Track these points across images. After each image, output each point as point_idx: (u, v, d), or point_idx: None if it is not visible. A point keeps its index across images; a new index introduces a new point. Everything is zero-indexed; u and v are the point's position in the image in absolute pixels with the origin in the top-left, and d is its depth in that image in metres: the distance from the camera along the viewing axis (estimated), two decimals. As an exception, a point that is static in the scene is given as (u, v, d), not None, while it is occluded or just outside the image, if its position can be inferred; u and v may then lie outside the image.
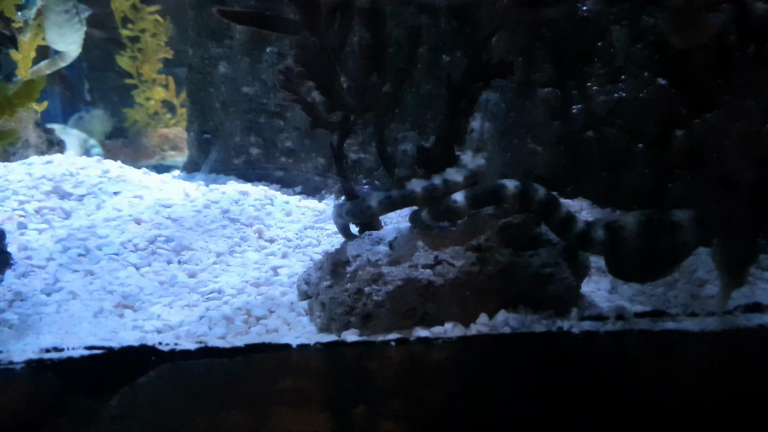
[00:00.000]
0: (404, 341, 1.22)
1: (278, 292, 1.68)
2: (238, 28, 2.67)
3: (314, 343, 1.20)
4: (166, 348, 1.17)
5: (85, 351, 1.15)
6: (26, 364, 1.13)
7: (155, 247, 1.94)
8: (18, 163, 2.40)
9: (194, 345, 1.19)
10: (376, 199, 1.39)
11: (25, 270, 1.79)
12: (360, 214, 1.44)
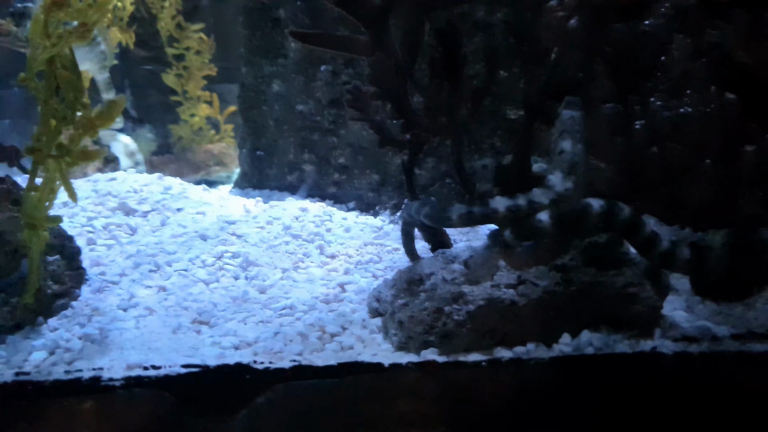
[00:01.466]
0: (497, 361, 1.22)
1: (348, 308, 1.69)
2: (292, 47, 2.72)
3: (407, 363, 1.20)
4: (261, 366, 1.19)
5: (182, 369, 1.17)
6: (125, 381, 1.16)
7: (222, 263, 1.97)
8: (83, 180, 2.47)
9: (288, 363, 1.21)
10: (457, 213, 1.39)
11: (99, 285, 1.83)
12: (437, 221, 1.44)
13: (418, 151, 1.62)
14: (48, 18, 1.51)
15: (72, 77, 1.43)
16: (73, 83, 1.43)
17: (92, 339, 1.58)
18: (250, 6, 2.82)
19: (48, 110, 1.50)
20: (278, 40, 2.75)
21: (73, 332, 1.63)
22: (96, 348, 1.54)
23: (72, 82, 1.43)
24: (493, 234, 1.43)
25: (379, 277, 1.94)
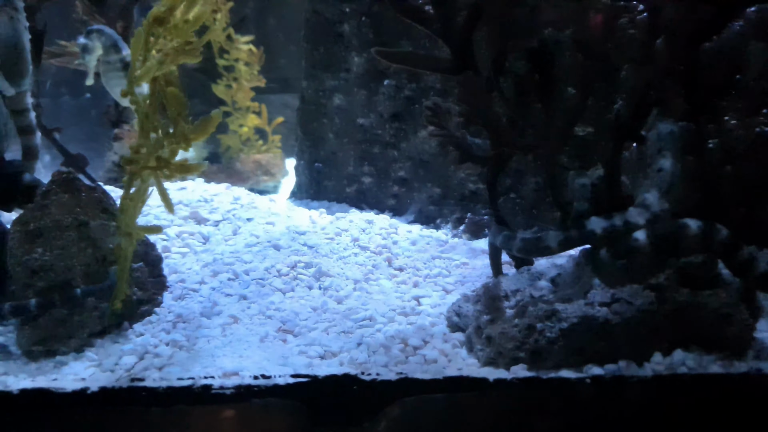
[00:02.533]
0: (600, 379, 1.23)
1: (427, 321, 1.71)
2: (355, 61, 2.77)
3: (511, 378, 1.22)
4: (368, 378, 1.22)
5: (291, 379, 1.20)
6: (236, 390, 1.19)
7: (296, 272, 2.01)
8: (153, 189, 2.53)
9: (394, 376, 1.23)
10: (555, 240, 1.40)
11: (181, 293, 1.88)
12: (535, 253, 1.45)
13: (501, 168, 1.64)
14: (148, 35, 1.58)
15: (179, 94, 1.48)
16: (179, 99, 1.48)
17: (180, 345, 1.63)
18: (312, 21, 2.88)
19: (149, 124, 1.56)
20: (341, 54, 2.81)
21: (159, 338, 1.68)
22: (186, 355, 1.58)
23: (178, 98, 1.48)
24: (586, 252, 1.44)
25: (449, 291, 1.96)
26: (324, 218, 2.48)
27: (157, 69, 1.51)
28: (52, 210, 1.69)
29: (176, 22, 1.58)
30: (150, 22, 1.56)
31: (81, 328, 1.67)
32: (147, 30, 1.56)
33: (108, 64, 2.91)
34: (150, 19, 1.56)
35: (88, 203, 1.76)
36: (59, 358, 1.64)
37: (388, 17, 2.65)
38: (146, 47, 1.58)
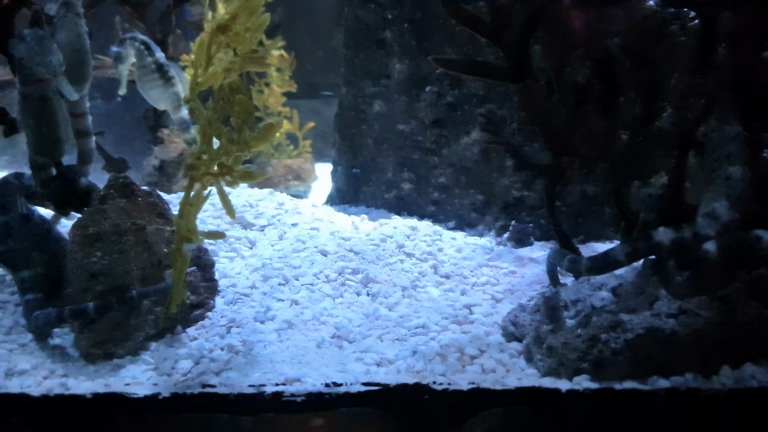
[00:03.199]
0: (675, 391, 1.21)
1: (482, 331, 1.70)
2: (396, 68, 2.77)
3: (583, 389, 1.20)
4: (439, 387, 1.21)
5: (362, 387, 1.20)
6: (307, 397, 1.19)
7: (344, 278, 2.01)
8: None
9: (467, 386, 1.23)
10: (623, 252, 1.39)
11: (233, 297, 1.90)
12: (605, 270, 1.43)
13: (561, 176, 1.63)
14: (211, 42, 1.60)
15: (246, 101, 1.50)
16: (246, 107, 1.50)
17: (236, 350, 1.64)
18: (353, 27, 2.89)
19: (212, 131, 1.57)
20: (382, 61, 2.81)
21: (214, 343, 1.69)
22: (243, 360, 1.59)
23: (245, 106, 1.50)
24: (651, 263, 1.43)
25: (499, 300, 1.95)
26: (366, 224, 2.48)
27: (221, 76, 1.52)
28: (110, 215, 1.71)
29: (238, 30, 1.60)
30: (213, 29, 1.58)
31: (137, 332, 1.69)
32: (210, 37, 1.58)
33: (143, 68, 2.95)
34: (213, 27, 1.58)
35: (145, 208, 1.79)
36: (116, 361, 1.66)
37: (431, 24, 2.65)
38: (208, 54, 1.60)
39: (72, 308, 1.64)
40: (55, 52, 1.59)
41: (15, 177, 1.96)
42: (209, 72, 1.61)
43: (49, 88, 1.65)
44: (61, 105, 1.67)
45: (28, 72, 1.63)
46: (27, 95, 1.64)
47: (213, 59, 1.60)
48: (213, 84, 1.62)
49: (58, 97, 1.68)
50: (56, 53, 1.59)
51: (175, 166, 3.22)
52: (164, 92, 3.05)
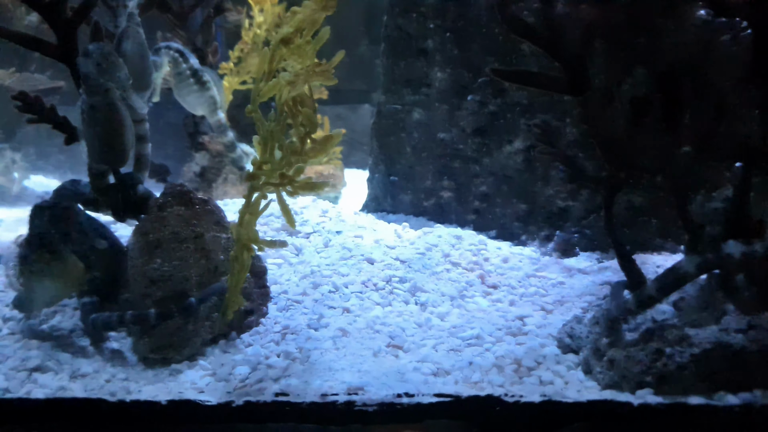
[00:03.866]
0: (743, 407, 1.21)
1: (536, 342, 1.70)
2: (438, 76, 2.78)
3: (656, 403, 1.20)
4: (511, 399, 1.22)
5: (434, 398, 1.21)
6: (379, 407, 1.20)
7: (392, 287, 2.02)
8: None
9: (538, 398, 1.23)
10: (693, 264, 1.38)
11: (285, 304, 1.92)
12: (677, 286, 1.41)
13: (619, 189, 1.62)
14: (274, 54, 1.62)
15: (312, 114, 1.52)
16: (311, 119, 1.52)
17: (293, 357, 1.66)
18: (394, 36, 2.91)
19: (274, 141, 1.60)
20: (423, 69, 2.83)
21: (270, 349, 1.71)
22: (301, 367, 1.60)
23: (311, 118, 1.52)
24: (717, 277, 1.42)
25: (550, 311, 1.95)
26: (409, 232, 2.49)
27: (284, 88, 1.54)
28: (170, 222, 1.75)
29: (300, 43, 1.63)
30: (276, 42, 1.60)
31: (194, 337, 1.71)
32: (273, 49, 1.60)
33: (178, 75, 3.01)
34: (277, 40, 1.60)
35: (202, 215, 1.81)
36: (174, 366, 1.68)
37: (473, 33, 2.66)
38: (271, 66, 1.63)
39: (134, 313, 1.68)
40: (122, 67, 1.64)
41: (71, 184, 2.01)
42: (270, 83, 1.63)
43: (116, 97, 1.69)
44: (127, 112, 1.71)
45: (95, 83, 1.66)
46: (95, 105, 1.67)
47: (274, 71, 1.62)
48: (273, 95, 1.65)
49: (123, 105, 1.71)
50: (123, 68, 1.64)
51: (215, 172, 3.27)
52: (200, 97, 3.10)
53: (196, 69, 2.96)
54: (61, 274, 1.66)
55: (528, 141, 2.55)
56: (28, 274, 1.67)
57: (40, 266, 1.66)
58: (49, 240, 1.62)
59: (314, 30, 1.63)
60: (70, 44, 1.91)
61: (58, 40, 1.92)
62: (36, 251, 1.65)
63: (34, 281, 1.68)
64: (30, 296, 1.73)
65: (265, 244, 1.65)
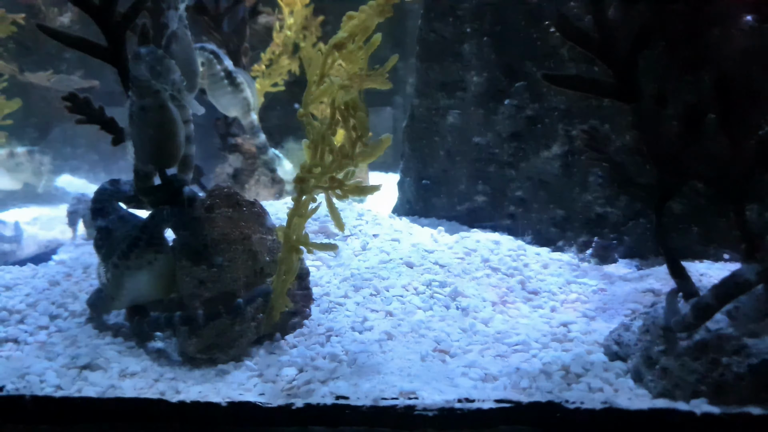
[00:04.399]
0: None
1: (582, 349, 1.69)
2: (474, 80, 2.78)
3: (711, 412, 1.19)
4: (572, 406, 1.21)
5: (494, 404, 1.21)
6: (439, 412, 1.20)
7: (432, 291, 2.03)
8: (282, 203, 2.62)
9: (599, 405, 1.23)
10: (753, 272, 1.37)
11: (328, 306, 1.93)
12: (737, 292, 1.39)
13: (670, 197, 1.61)
14: (327, 59, 1.63)
15: (365, 118, 1.53)
16: (364, 123, 1.53)
17: (339, 359, 1.66)
18: (428, 40, 2.91)
19: (325, 145, 1.61)
20: (458, 73, 2.83)
21: (316, 351, 1.72)
22: (348, 369, 1.61)
23: (364, 123, 1.53)
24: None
25: (592, 318, 1.93)
26: (444, 236, 2.49)
27: (337, 92, 1.55)
28: (219, 223, 1.76)
29: (352, 48, 1.64)
30: (330, 47, 1.61)
31: (241, 338, 1.73)
32: (327, 54, 1.62)
33: (212, 77, 3.04)
34: (330, 45, 1.62)
35: (249, 217, 1.83)
36: (220, 366, 1.70)
37: (511, 37, 2.66)
38: (323, 70, 1.64)
39: (183, 314, 1.69)
40: (176, 69, 1.64)
41: (110, 183, 2.03)
42: (322, 87, 1.64)
43: (167, 98, 1.70)
44: (178, 114, 1.73)
45: (146, 84, 1.68)
46: (145, 106, 1.69)
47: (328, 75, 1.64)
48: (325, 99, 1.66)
49: (174, 107, 1.73)
50: (176, 69, 1.64)
51: (247, 174, 3.29)
52: (234, 98, 3.13)
53: (230, 71, 2.99)
54: (161, 274, 1.67)
55: (566, 146, 2.54)
56: (124, 269, 1.67)
57: (139, 263, 1.66)
58: (158, 239, 1.63)
59: (367, 36, 1.64)
60: (119, 47, 1.94)
61: (108, 43, 1.94)
62: (139, 249, 1.65)
63: (128, 278, 1.69)
64: (117, 293, 1.74)
65: (316, 246, 1.66)
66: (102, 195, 1.99)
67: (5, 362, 1.73)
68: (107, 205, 1.96)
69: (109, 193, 2.00)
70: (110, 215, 1.93)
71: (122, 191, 2.02)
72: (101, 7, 1.91)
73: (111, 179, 2.06)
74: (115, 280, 1.71)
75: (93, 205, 1.95)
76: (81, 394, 1.54)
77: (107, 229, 1.91)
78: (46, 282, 2.17)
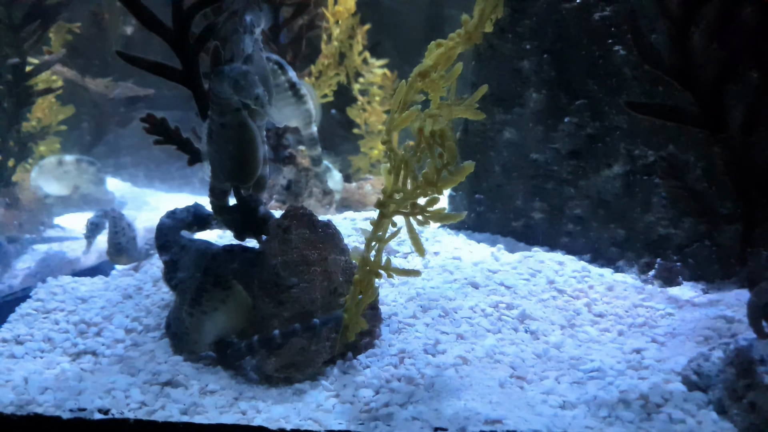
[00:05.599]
0: None
1: (660, 378, 1.68)
2: (533, 97, 2.78)
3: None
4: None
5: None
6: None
7: (499, 313, 2.03)
8: (341, 217, 2.65)
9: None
10: None
11: (397, 327, 1.94)
12: None
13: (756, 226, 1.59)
14: (411, 87, 1.65)
15: (455, 148, 1.54)
16: (454, 153, 1.54)
17: (416, 383, 1.68)
18: (485, 55, 2.92)
19: (407, 171, 1.63)
20: (516, 89, 2.82)
21: (390, 372, 1.74)
22: (427, 394, 1.62)
23: (453, 152, 1.54)
24: None
25: (662, 344, 1.92)
26: (505, 255, 2.49)
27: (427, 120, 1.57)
28: (297, 245, 1.79)
29: (434, 77, 1.65)
30: (414, 75, 1.63)
31: (317, 357, 1.75)
32: (412, 82, 1.64)
33: (276, 87, 3.07)
34: (414, 73, 1.64)
35: (324, 238, 1.86)
36: (297, 385, 1.73)
37: (572, 55, 2.65)
38: (406, 98, 1.66)
39: (261, 338, 1.72)
40: (258, 84, 1.67)
41: (167, 216, 2.08)
42: (404, 115, 1.66)
43: (246, 116, 1.74)
44: (257, 131, 1.76)
45: (226, 102, 1.71)
46: (225, 124, 1.72)
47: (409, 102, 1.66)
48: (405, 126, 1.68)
49: (252, 124, 1.76)
50: (259, 85, 1.67)
51: (301, 186, 3.33)
52: (297, 109, 3.17)
53: (294, 82, 3.03)
54: (236, 307, 1.70)
55: (628, 166, 2.53)
56: (199, 315, 1.69)
57: (213, 305, 1.68)
58: (224, 278, 1.64)
59: (450, 64, 1.66)
60: (193, 69, 1.99)
61: (182, 66, 1.99)
62: (208, 293, 1.66)
63: (205, 322, 1.71)
64: (199, 338, 1.76)
65: (397, 272, 1.68)
66: (161, 231, 2.04)
67: (89, 376, 1.79)
68: (169, 239, 2.01)
69: (168, 226, 2.05)
70: (172, 249, 1.98)
71: (180, 220, 2.07)
72: (176, 31, 1.96)
73: (168, 211, 2.11)
74: (194, 327, 1.74)
75: (157, 242, 2.01)
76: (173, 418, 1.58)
77: (173, 261, 1.96)
78: (119, 295, 2.23)
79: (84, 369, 1.85)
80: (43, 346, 1.98)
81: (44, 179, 4.03)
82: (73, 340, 2.00)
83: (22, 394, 1.67)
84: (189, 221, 2.11)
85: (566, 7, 2.64)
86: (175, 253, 1.98)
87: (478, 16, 1.64)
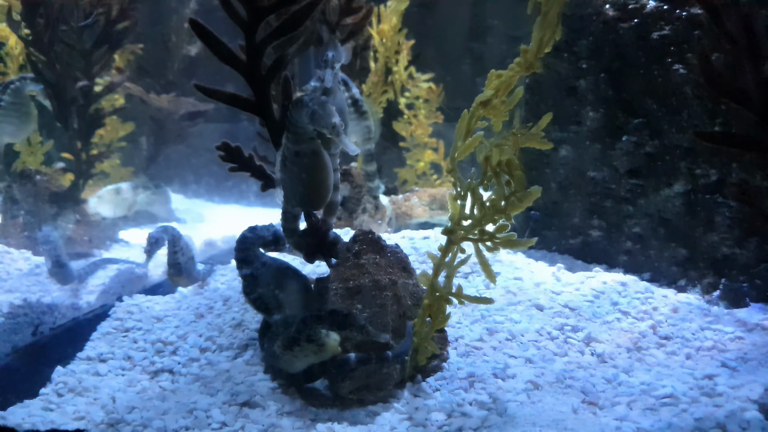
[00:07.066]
0: None
1: (735, 406, 1.67)
2: (590, 115, 2.78)
3: None
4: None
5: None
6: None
7: (565, 336, 2.04)
8: (399, 236, 2.70)
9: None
10: None
11: (465, 350, 1.98)
12: None
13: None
14: (473, 116, 1.69)
15: (523, 177, 1.58)
16: (522, 182, 1.58)
17: (488, 407, 1.71)
18: (542, 74, 2.93)
19: (475, 198, 1.67)
20: (572, 108, 2.83)
21: (461, 396, 1.77)
22: (500, 419, 1.65)
23: (521, 181, 1.57)
24: None
25: (733, 368, 1.90)
26: (566, 274, 2.49)
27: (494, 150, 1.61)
28: (369, 270, 1.85)
29: (495, 104, 1.69)
30: (476, 105, 1.67)
31: (388, 380, 1.80)
32: (474, 111, 1.68)
33: None
34: (477, 102, 1.67)
35: (393, 263, 1.91)
36: (370, 407, 1.77)
37: (629, 74, 2.64)
38: (469, 126, 1.70)
39: (337, 360, 1.77)
40: (335, 114, 1.72)
41: (249, 231, 2.14)
42: (467, 142, 1.70)
43: (320, 144, 1.79)
44: (329, 159, 1.82)
45: (303, 131, 1.77)
46: (300, 152, 1.78)
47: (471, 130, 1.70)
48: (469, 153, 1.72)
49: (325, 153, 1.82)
50: (336, 115, 1.72)
51: (355, 202, 3.40)
52: (357, 125, 3.23)
53: (357, 98, 3.09)
54: (324, 357, 1.75)
55: (689, 185, 2.50)
56: (290, 357, 1.76)
57: (304, 353, 1.73)
58: (317, 336, 1.69)
59: (509, 90, 1.69)
60: (266, 99, 2.06)
61: (255, 96, 2.07)
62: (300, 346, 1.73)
63: (296, 361, 1.77)
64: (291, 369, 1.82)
65: (470, 299, 1.72)
66: (244, 244, 2.09)
67: (171, 395, 1.87)
68: (250, 254, 2.07)
69: (250, 241, 2.11)
70: (254, 263, 2.04)
71: (261, 237, 2.13)
72: (248, 62, 2.04)
73: (250, 227, 2.18)
74: (285, 363, 1.80)
75: (237, 255, 2.06)
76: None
77: (253, 275, 2.01)
78: (192, 314, 2.32)
79: (163, 387, 1.94)
80: (124, 364, 2.08)
81: (103, 207, 4.20)
82: (151, 359, 2.09)
83: (112, 413, 1.75)
84: (268, 240, 2.15)
85: (623, 27, 2.64)
86: (257, 268, 2.03)
87: (537, 44, 1.66)
